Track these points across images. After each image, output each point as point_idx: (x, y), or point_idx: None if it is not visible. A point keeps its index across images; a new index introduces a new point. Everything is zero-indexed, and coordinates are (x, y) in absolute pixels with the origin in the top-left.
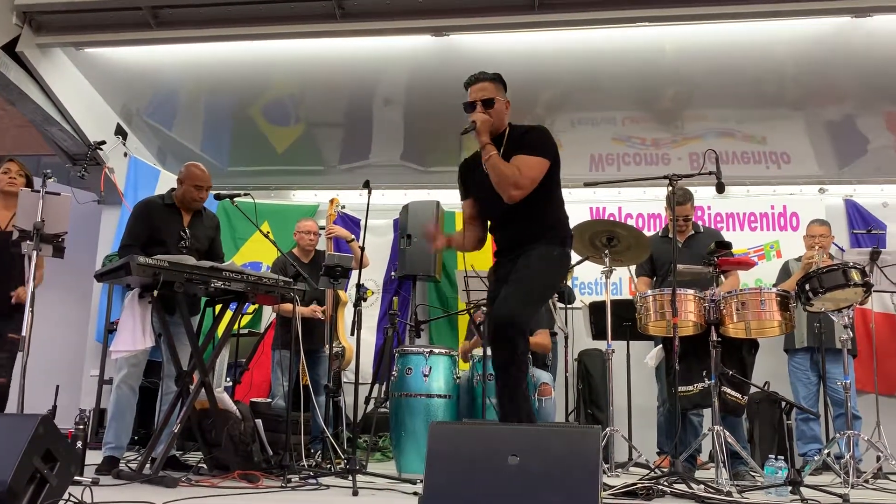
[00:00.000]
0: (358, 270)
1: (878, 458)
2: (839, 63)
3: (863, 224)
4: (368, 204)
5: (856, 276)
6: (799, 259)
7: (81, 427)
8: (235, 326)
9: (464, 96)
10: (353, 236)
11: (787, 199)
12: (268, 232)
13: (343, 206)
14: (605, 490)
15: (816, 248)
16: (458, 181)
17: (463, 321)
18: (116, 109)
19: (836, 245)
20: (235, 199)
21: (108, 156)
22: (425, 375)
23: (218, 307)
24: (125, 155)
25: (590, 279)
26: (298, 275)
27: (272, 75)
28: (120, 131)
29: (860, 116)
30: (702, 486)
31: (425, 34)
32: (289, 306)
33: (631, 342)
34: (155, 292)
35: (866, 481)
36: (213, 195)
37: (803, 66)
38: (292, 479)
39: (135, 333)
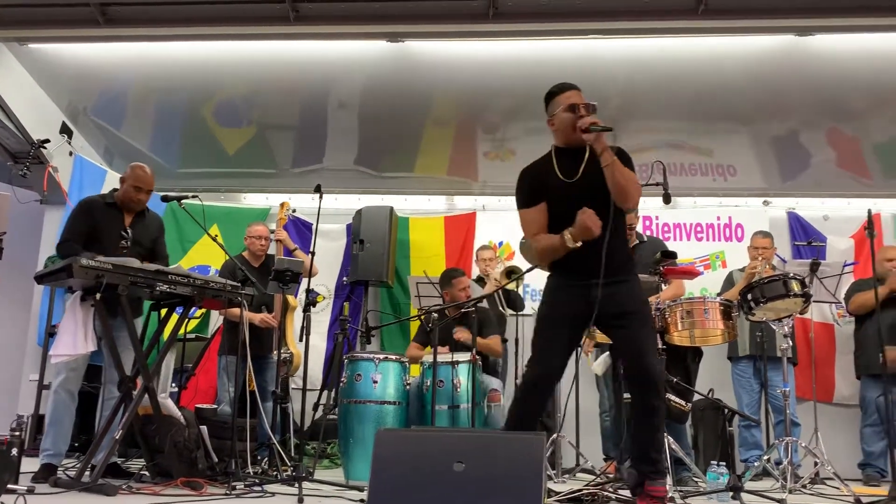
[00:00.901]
0: (308, 278)
1: (816, 464)
2: (784, 80)
3: (804, 236)
4: (319, 208)
5: (796, 287)
6: (743, 269)
7: (18, 433)
8: (182, 331)
9: (419, 102)
10: (295, 246)
11: (733, 210)
12: (216, 235)
13: (294, 210)
14: (550, 496)
15: (760, 258)
16: (521, 188)
17: (415, 327)
18: (62, 107)
19: (778, 256)
20: (183, 201)
21: (53, 154)
22: (375, 382)
23: (163, 311)
24: (70, 154)
25: (541, 286)
26: (247, 279)
27: (225, 76)
28: (65, 130)
29: (803, 132)
30: None
31: (380, 39)
32: (236, 311)
33: (579, 349)
34: (98, 295)
35: (804, 486)
36: (160, 196)
37: (750, 82)
38: (237, 487)
39: (76, 337)
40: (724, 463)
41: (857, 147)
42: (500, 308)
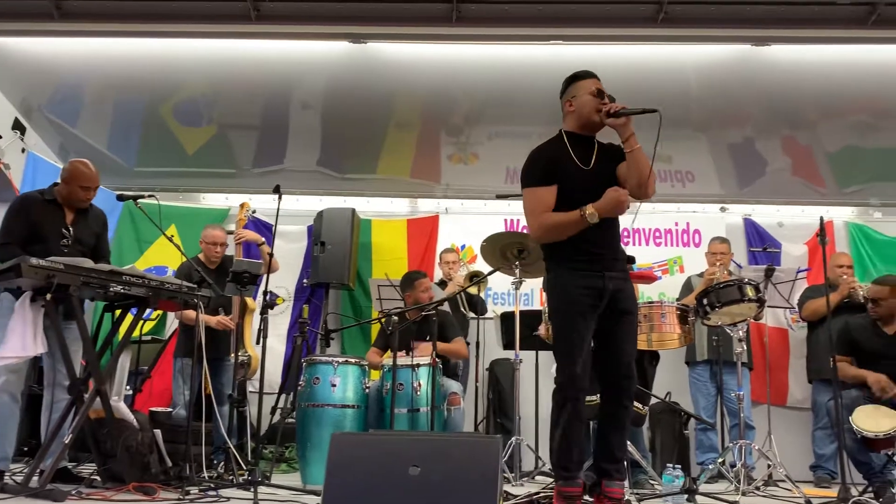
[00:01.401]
0: (266, 277)
1: (769, 466)
2: (741, 88)
3: (760, 242)
4: (278, 209)
5: (750, 292)
6: (701, 274)
7: None
8: (137, 333)
9: (382, 103)
10: (263, 239)
11: (691, 216)
12: (172, 235)
13: (254, 211)
14: (508, 499)
15: (718, 264)
16: (535, 166)
17: (376, 331)
18: (15, 103)
19: (734, 262)
20: (139, 201)
21: (4, 151)
22: (333, 385)
23: (117, 312)
24: (23, 151)
25: (502, 290)
26: (203, 280)
27: (185, 75)
28: (17, 126)
29: (760, 140)
30: None
31: (343, 40)
32: (191, 314)
33: (540, 352)
34: (48, 295)
35: (757, 488)
36: (116, 195)
37: (708, 90)
38: (191, 492)
39: (25, 338)
40: (679, 466)
41: (811, 155)
42: (463, 310)
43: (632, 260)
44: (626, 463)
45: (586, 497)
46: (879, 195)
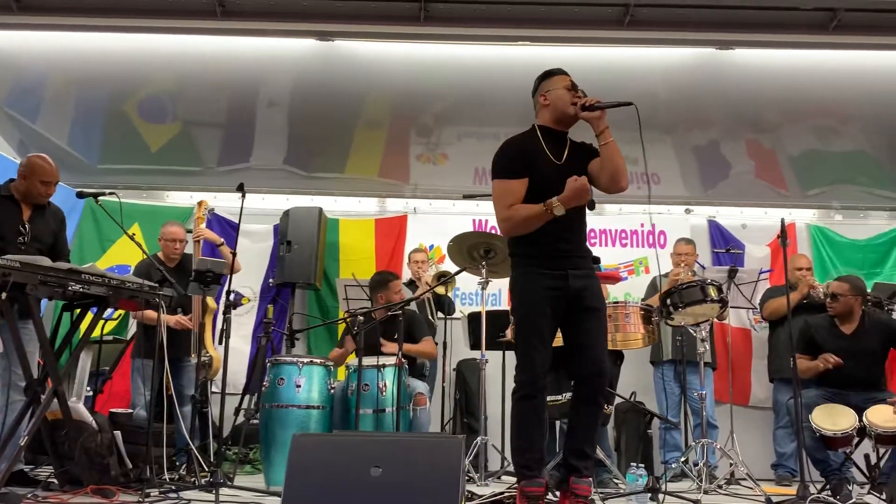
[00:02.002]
0: (229, 276)
1: (731, 465)
2: (706, 91)
3: (723, 243)
4: (242, 208)
5: (713, 293)
6: (666, 275)
7: None
8: (97, 333)
9: (350, 102)
10: (221, 240)
11: (656, 217)
12: (134, 234)
13: (212, 209)
14: (473, 499)
15: (682, 265)
16: (506, 158)
17: (342, 331)
18: None
19: (698, 263)
20: (100, 198)
21: None
22: (298, 386)
23: (76, 312)
24: None
25: (470, 290)
26: (164, 279)
27: (149, 70)
28: None
29: (724, 143)
30: None
31: (309, 38)
32: (150, 314)
33: (507, 352)
34: (3, 294)
35: (719, 487)
36: (76, 192)
37: (673, 93)
38: (151, 494)
39: None
40: (643, 465)
41: (774, 158)
42: (430, 311)
43: (597, 260)
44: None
45: (551, 496)
46: (840, 198)
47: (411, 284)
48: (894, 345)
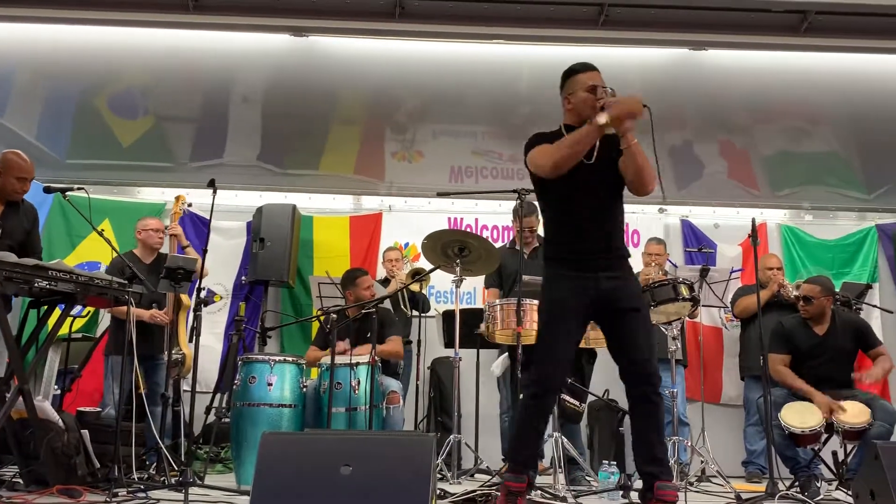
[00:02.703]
0: (199, 275)
1: (702, 462)
2: (679, 92)
3: (696, 243)
4: (213, 204)
5: (684, 291)
6: (637, 275)
7: None
8: (65, 330)
9: (325, 99)
10: (188, 243)
11: (630, 217)
12: (103, 230)
13: (190, 205)
14: (445, 497)
15: (653, 264)
16: (539, 139)
17: (316, 329)
18: None
19: (670, 262)
20: (68, 193)
21: None
22: (270, 384)
23: (43, 309)
24: None
25: (445, 288)
26: (134, 276)
27: (121, 64)
28: None
29: (697, 143)
30: (538, 492)
31: (284, 33)
32: (123, 308)
33: (481, 350)
34: None
35: (690, 483)
36: (42, 187)
37: (648, 93)
38: (119, 494)
39: None
40: (615, 462)
41: (746, 159)
42: (404, 308)
43: None
44: (563, 459)
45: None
46: (810, 198)
47: (385, 282)
48: (862, 344)
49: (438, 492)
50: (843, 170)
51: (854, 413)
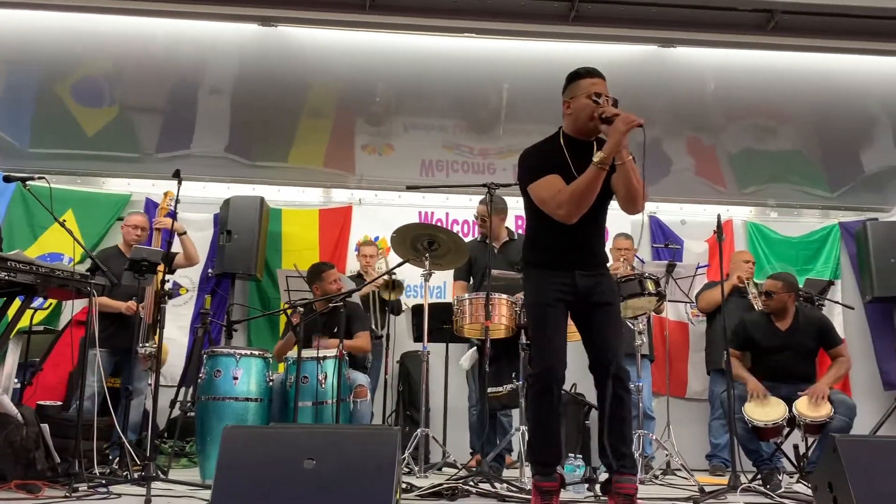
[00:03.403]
0: (165, 267)
1: (667, 456)
2: (648, 89)
3: (663, 239)
4: (178, 195)
5: (650, 286)
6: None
7: None
8: (26, 322)
9: (294, 90)
10: (184, 229)
11: None
12: (65, 220)
13: (178, 201)
14: (411, 491)
15: (621, 259)
16: (528, 164)
17: (284, 322)
18: None
19: (638, 257)
20: (28, 183)
21: None
22: (235, 378)
23: (2, 300)
24: None
25: (416, 282)
26: (97, 268)
27: (86, 52)
28: None
29: (666, 140)
30: (505, 486)
31: (252, 23)
32: (103, 300)
33: (450, 344)
34: None
35: (655, 476)
36: (2, 176)
37: (616, 90)
38: (79, 489)
39: None
40: (580, 455)
41: (713, 156)
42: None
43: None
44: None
45: (488, 487)
46: (776, 196)
47: (360, 278)
48: (823, 342)
49: (405, 485)
50: (807, 168)
51: (815, 407)
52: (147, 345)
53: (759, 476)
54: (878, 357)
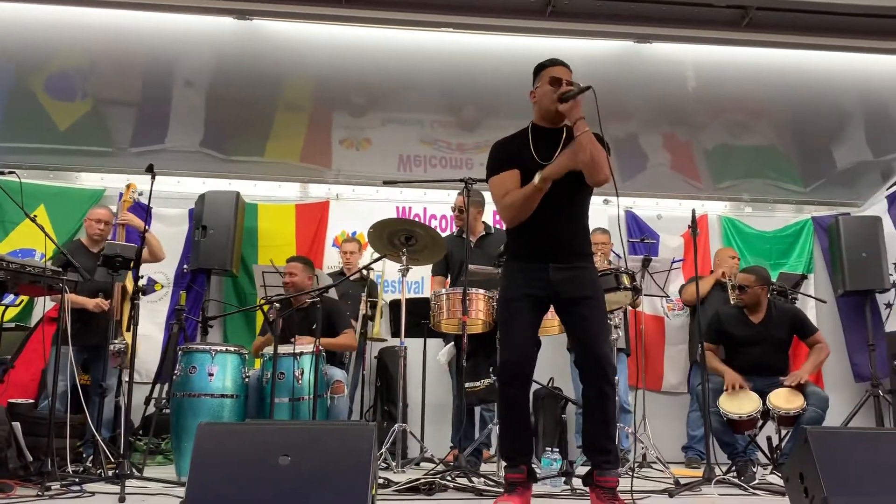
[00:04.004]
0: (136, 262)
1: (643, 448)
2: (625, 84)
3: (640, 234)
4: (151, 190)
5: (626, 281)
6: None
7: None
8: None
9: (271, 84)
10: (146, 227)
11: None
12: (36, 216)
13: (141, 193)
14: (388, 486)
15: (598, 253)
16: (492, 157)
17: (261, 318)
18: None
19: (614, 252)
20: None
21: None
22: (211, 374)
23: None
24: None
25: (394, 277)
26: (69, 264)
27: (56, 44)
28: None
29: (642, 135)
30: (482, 480)
31: (227, 16)
32: (75, 298)
33: (428, 339)
34: None
35: (631, 469)
36: None
37: (593, 84)
38: (52, 487)
39: None
40: (557, 449)
41: (689, 152)
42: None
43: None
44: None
45: (465, 482)
46: (750, 191)
47: (341, 275)
48: (798, 332)
49: (382, 480)
50: (781, 163)
51: (787, 399)
52: (116, 342)
53: (733, 468)
54: (850, 350)
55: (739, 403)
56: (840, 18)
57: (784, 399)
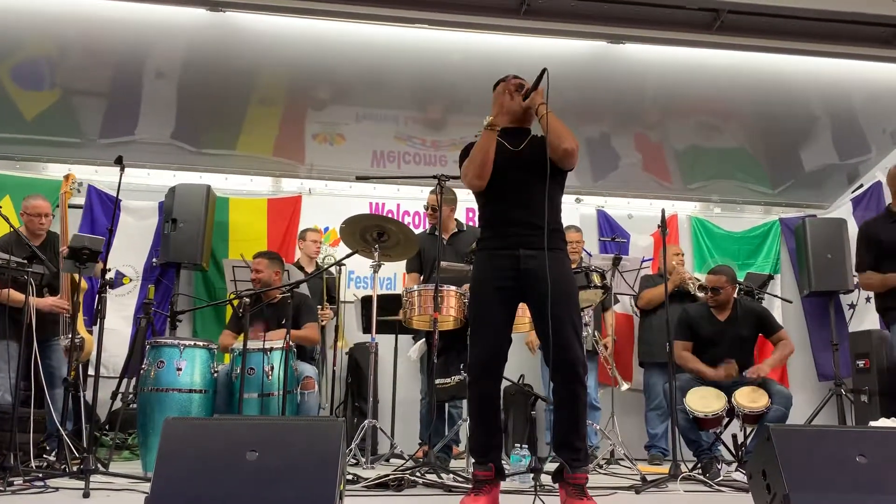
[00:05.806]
0: (105, 255)
1: (611, 446)
2: (598, 84)
3: (611, 233)
4: (120, 182)
5: (596, 279)
6: None
7: None
8: None
9: (243, 76)
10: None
11: None
12: (0, 207)
13: (80, 184)
14: (357, 482)
15: (571, 252)
16: (466, 150)
17: (230, 312)
18: None
19: (585, 251)
20: None
21: None
22: (179, 369)
23: None
24: None
25: (365, 273)
26: (34, 255)
27: (25, 33)
28: None
29: (614, 135)
30: (451, 476)
31: (199, 7)
32: (14, 295)
33: (400, 336)
34: None
35: (599, 466)
36: None
37: (566, 84)
38: (14, 482)
39: None
40: (526, 445)
41: (660, 152)
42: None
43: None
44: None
45: (434, 478)
46: (719, 192)
47: (302, 268)
48: (763, 330)
49: (351, 476)
50: (750, 165)
51: (752, 398)
52: (68, 336)
53: (698, 465)
54: (814, 349)
55: (705, 402)
56: (810, 23)
57: (748, 397)
